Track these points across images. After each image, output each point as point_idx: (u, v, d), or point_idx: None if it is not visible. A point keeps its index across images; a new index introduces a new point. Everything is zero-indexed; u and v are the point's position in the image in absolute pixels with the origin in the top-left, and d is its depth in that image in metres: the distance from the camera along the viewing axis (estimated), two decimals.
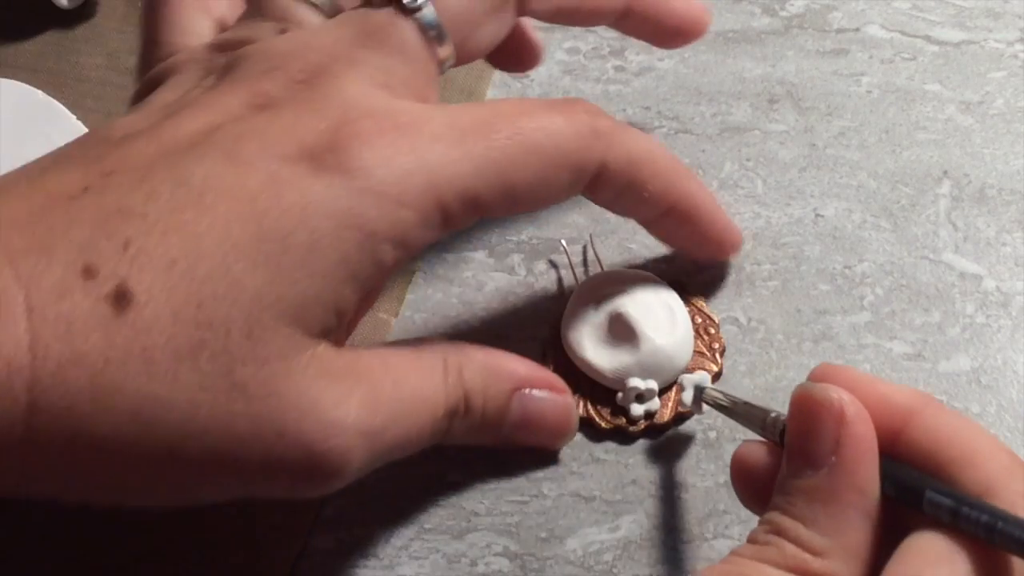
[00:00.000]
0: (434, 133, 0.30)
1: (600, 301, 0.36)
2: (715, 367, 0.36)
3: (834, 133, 0.41)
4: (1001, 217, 0.39)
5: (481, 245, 0.39)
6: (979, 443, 0.27)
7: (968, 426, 0.27)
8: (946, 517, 0.25)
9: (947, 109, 0.41)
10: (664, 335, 0.35)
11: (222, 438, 0.27)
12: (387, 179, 0.29)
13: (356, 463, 0.29)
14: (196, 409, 0.27)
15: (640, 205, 0.34)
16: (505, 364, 0.33)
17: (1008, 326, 0.37)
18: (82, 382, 0.26)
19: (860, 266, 0.38)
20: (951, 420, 0.27)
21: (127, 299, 0.26)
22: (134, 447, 0.27)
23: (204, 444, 0.27)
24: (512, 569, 0.34)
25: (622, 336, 0.35)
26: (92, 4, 0.46)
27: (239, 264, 0.27)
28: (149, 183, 0.28)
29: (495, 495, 0.35)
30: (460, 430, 0.32)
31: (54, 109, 0.42)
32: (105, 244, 0.27)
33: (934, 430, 0.27)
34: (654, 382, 0.35)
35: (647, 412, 0.35)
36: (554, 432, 0.35)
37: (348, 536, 0.34)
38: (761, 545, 0.27)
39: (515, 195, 0.31)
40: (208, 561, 0.34)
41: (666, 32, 0.38)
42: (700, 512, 0.34)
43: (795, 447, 0.27)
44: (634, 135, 0.33)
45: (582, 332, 0.36)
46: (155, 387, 0.26)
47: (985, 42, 0.43)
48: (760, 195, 0.40)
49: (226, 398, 0.27)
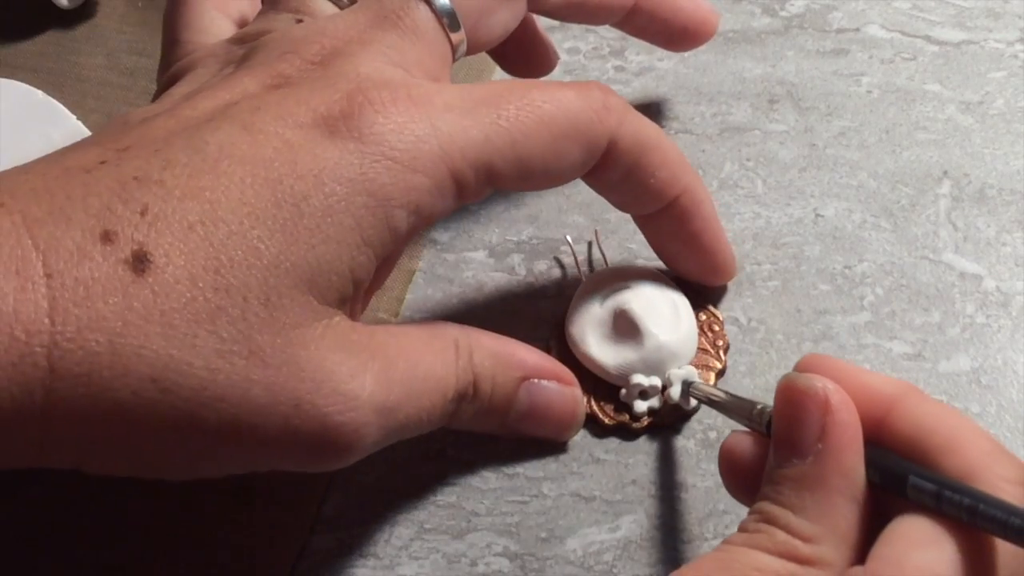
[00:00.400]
0: (447, 103, 0.30)
1: (604, 297, 0.36)
2: (719, 364, 0.36)
3: (834, 133, 0.41)
4: (1001, 217, 0.39)
5: (481, 245, 0.39)
6: (961, 430, 0.27)
7: (950, 413, 0.27)
8: (929, 501, 0.26)
9: (947, 109, 0.41)
10: (668, 332, 0.35)
11: (239, 406, 0.27)
12: (399, 145, 0.29)
13: (369, 439, 0.29)
14: (214, 375, 0.27)
15: (644, 193, 0.34)
16: (515, 352, 0.33)
17: (1008, 326, 0.37)
18: (101, 346, 0.26)
19: (860, 266, 0.38)
20: (933, 408, 0.28)
21: (146, 263, 0.26)
22: (152, 414, 0.27)
23: (221, 412, 0.27)
24: (512, 569, 0.34)
25: (626, 332, 0.35)
26: (92, 4, 0.46)
27: (255, 230, 0.27)
28: (165, 153, 0.28)
29: (495, 495, 0.35)
30: (467, 414, 0.32)
31: (54, 109, 0.42)
32: (122, 210, 0.27)
33: (917, 418, 0.27)
34: (657, 379, 0.35)
35: (650, 409, 0.35)
36: (559, 424, 0.35)
37: (348, 536, 0.34)
38: (752, 533, 0.27)
39: (528, 166, 0.31)
40: (208, 561, 0.34)
41: (673, 32, 0.38)
42: (700, 512, 0.34)
43: (781, 436, 0.28)
44: (645, 119, 0.33)
45: (586, 328, 0.36)
46: (173, 352, 0.26)
47: (985, 42, 0.43)
48: (760, 195, 0.40)
49: (243, 365, 0.27)
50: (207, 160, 0.28)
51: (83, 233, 0.26)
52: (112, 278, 0.26)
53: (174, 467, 0.29)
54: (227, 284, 0.27)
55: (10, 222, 0.26)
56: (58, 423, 0.26)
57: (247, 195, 0.28)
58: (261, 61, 0.31)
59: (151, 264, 0.26)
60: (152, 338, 0.26)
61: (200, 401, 0.27)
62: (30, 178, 0.28)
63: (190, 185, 0.27)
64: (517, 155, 0.31)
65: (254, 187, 0.28)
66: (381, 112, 0.29)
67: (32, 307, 0.25)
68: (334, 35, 0.31)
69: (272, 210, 0.28)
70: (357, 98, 0.29)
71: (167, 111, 0.30)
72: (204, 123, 0.29)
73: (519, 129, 0.30)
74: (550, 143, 0.31)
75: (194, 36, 0.34)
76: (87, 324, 0.26)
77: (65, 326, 0.26)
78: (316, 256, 0.28)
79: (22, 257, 0.26)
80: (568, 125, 0.31)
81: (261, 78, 0.30)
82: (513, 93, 0.31)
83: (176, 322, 0.26)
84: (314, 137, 0.29)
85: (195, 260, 0.27)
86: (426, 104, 0.30)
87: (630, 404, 0.35)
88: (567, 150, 0.32)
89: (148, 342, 0.26)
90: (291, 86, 0.30)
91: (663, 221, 0.35)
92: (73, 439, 0.27)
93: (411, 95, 0.30)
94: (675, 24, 0.38)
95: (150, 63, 0.44)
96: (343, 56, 0.31)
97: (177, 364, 0.26)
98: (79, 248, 0.26)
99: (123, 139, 0.29)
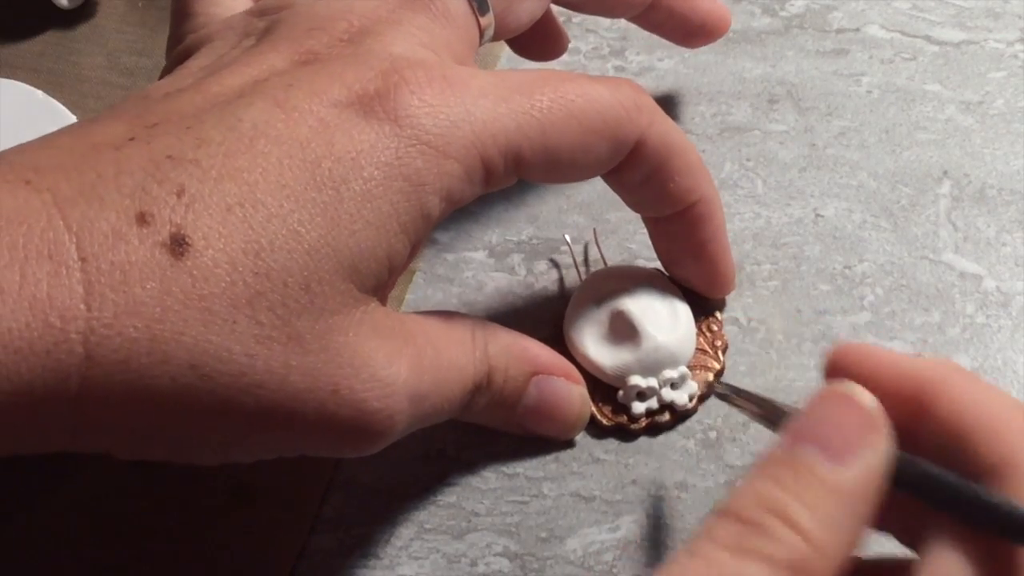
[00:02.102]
0: (481, 88, 0.30)
1: (602, 298, 0.36)
2: (717, 365, 0.36)
3: (834, 133, 0.41)
4: (1001, 217, 0.39)
5: (481, 245, 0.39)
6: (1000, 413, 0.25)
7: (990, 395, 0.25)
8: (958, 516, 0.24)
9: (947, 109, 0.41)
10: (665, 332, 0.35)
11: (276, 392, 0.27)
12: (434, 129, 0.29)
13: (400, 425, 0.29)
14: (252, 361, 0.26)
15: (662, 196, 0.34)
16: (528, 347, 0.33)
17: (1008, 326, 0.37)
18: (139, 332, 0.25)
19: (860, 266, 0.38)
20: (973, 389, 0.26)
21: (184, 246, 0.26)
22: (189, 400, 0.26)
23: (259, 397, 0.27)
24: (512, 569, 0.34)
25: (623, 334, 0.35)
26: (92, 4, 0.46)
27: (296, 213, 0.27)
28: (197, 131, 0.27)
29: (495, 495, 0.35)
30: (479, 406, 0.32)
31: (54, 109, 0.42)
32: (157, 190, 0.26)
33: (954, 403, 0.25)
34: (655, 380, 0.35)
35: (648, 410, 0.35)
36: (565, 420, 0.35)
37: (348, 536, 0.34)
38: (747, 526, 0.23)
39: (555, 158, 0.31)
40: (208, 561, 0.34)
41: (691, 28, 0.38)
42: (700, 512, 0.34)
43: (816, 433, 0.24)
44: (672, 123, 0.33)
45: (584, 329, 0.36)
46: (212, 337, 0.26)
47: (985, 42, 0.43)
48: (760, 195, 0.40)
49: (282, 351, 0.27)
50: (242, 139, 0.27)
51: (118, 214, 0.26)
52: (149, 262, 0.25)
53: (207, 452, 0.28)
54: (267, 269, 0.26)
55: (40, 201, 0.25)
56: (92, 409, 0.26)
57: (286, 177, 0.27)
58: (285, 36, 0.30)
59: (190, 248, 0.26)
60: (191, 324, 0.26)
61: (239, 387, 0.26)
62: (55, 153, 0.27)
63: (227, 165, 0.27)
64: (546, 146, 0.30)
65: (292, 169, 0.27)
66: (416, 93, 0.29)
67: (67, 292, 0.25)
68: (362, 13, 0.31)
69: (312, 193, 0.27)
70: (392, 77, 0.29)
71: (191, 86, 0.29)
72: (235, 99, 0.28)
73: (550, 120, 0.30)
74: (579, 137, 0.31)
75: (208, 8, 0.33)
76: (124, 310, 0.25)
77: (102, 312, 0.25)
78: (356, 242, 0.27)
79: (54, 240, 0.25)
80: (599, 121, 0.31)
81: (288, 54, 0.30)
82: (547, 84, 0.31)
83: (215, 307, 0.26)
84: (349, 117, 0.28)
85: (234, 244, 0.26)
86: (461, 88, 0.29)
87: (628, 405, 0.35)
88: (595, 145, 0.31)
89: (187, 328, 0.26)
90: (321, 62, 0.29)
91: (674, 226, 0.35)
92: (107, 425, 0.26)
93: (446, 77, 0.29)
94: (693, 20, 0.38)
95: (150, 63, 0.44)
96: (372, 35, 0.30)
97: (216, 350, 0.26)
98: (114, 230, 0.25)
99: (149, 115, 0.28)
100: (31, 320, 0.24)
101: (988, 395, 0.26)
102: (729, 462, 0.35)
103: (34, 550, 0.34)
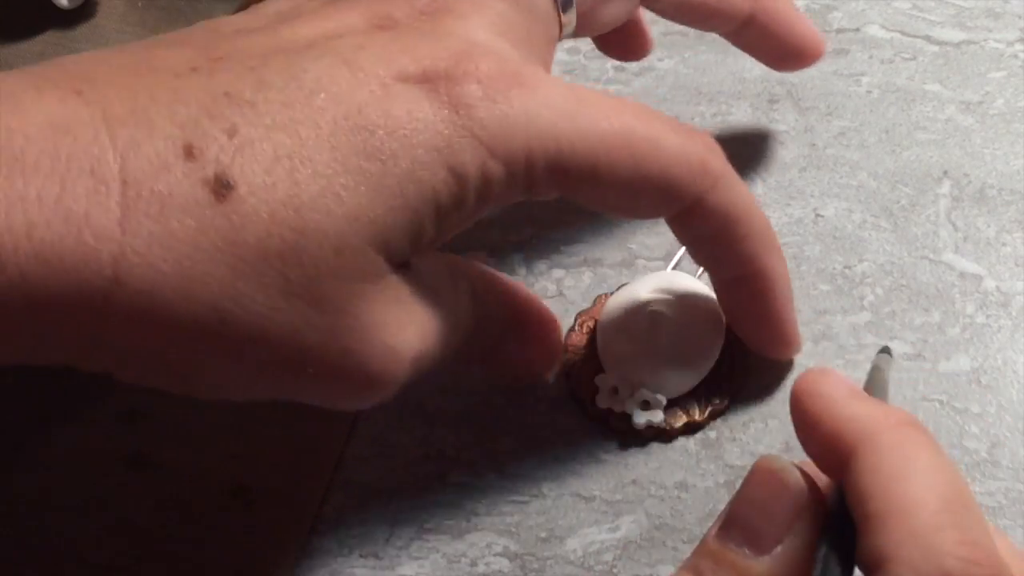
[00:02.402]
0: (547, 96, 0.29)
1: (648, 298, 0.35)
2: (717, 400, 0.35)
3: (834, 133, 0.41)
4: (1001, 217, 0.39)
5: (481, 245, 0.39)
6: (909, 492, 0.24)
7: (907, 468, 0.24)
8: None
9: (947, 109, 0.41)
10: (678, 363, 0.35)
11: (289, 347, 0.27)
12: (489, 125, 0.28)
13: (398, 385, 0.29)
14: (273, 314, 0.26)
15: (718, 261, 0.33)
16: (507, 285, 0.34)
17: (1008, 326, 0.37)
18: (168, 265, 0.25)
19: (860, 266, 0.38)
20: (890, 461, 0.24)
21: (228, 188, 0.25)
22: (205, 340, 0.26)
23: (272, 349, 0.27)
24: (512, 569, 0.34)
25: (644, 330, 0.35)
26: (92, 4, 0.46)
27: (341, 177, 0.27)
28: (260, 73, 0.27)
29: (495, 495, 0.35)
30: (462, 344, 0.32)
31: None
32: (209, 126, 0.26)
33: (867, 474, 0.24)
34: (629, 386, 0.35)
35: (648, 422, 0.35)
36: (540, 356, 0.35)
37: (348, 536, 0.34)
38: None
39: (599, 192, 0.30)
40: (207, 561, 0.34)
41: (787, 51, 0.38)
42: (700, 512, 0.34)
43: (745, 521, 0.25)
44: (741, 187, 0.32)
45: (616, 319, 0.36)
46: (239, 285, 0.26)
47: (985, 42, 0.43)
48: (760, 195, 0.40)
49: (304, 309, 0.27)
50: (303, 90, 0.27)
51: (165, 142, 0.25)
52: (190, 197, 0.25)
53: (205, 387, 0.28)
54: (304, 226, 0.26)
55: (88, 114, 0.25)
56: (109, 329, 0.25)
57: (338, 139, 0.27)
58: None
59: (233, 191, 0.25)
60: (221, 268, 0.25)
61: (256, 337, 0.26)
62: (111, 70, 0.27)
63: (283, 114, 0.26)
64: (595, 177, 0.29)
65: (346, 132, 0.27)
66: (483, 84, 0.28)
67: (103, 212, 0.24)
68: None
69: (360, 160, 0.27)
70: (464, 62, 0.28)
71: (263, 27, 0.29)
72: (304, 49, 0.28)
73: (607, 154, 0.29)
74: (630, 181, 0.30)
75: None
76: (158, 241, 0.25)
77: (136, 238, 0.25)
78: (394, 218, 0.27)
79: (99, 156, 0.25)
80: (655, 167, 0.30)
81: (367, 15, 0.29)
82: (618, 115, 0.30)
83: (248, 256, 0.26)
84: (411, 91, 0.28)
85: (276, 195, 0.26)
86: (529, 90, 0.29)
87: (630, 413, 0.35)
88: (644, 192, 0.30)
89: (216, 271, 0.25)
90: (397, 31, 0.29)
91: (733, 288, 0.34)
92: (119, 347, 0.26)
93: (517, 75, 0.29)
94: (790, 43, 0.37)
95: None
96: (454, 14, 0.30)
97: (241, 298, 0.26)
98: (159, 157, 0.25)
99: (216, 48, 0.28)
100: (65, 234, 0.24)
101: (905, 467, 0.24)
102: (729, 462, 0.35)
103: (34, 550, 0.34)
